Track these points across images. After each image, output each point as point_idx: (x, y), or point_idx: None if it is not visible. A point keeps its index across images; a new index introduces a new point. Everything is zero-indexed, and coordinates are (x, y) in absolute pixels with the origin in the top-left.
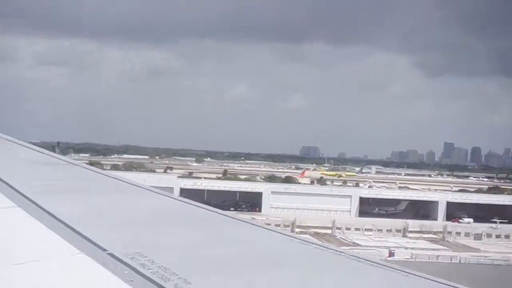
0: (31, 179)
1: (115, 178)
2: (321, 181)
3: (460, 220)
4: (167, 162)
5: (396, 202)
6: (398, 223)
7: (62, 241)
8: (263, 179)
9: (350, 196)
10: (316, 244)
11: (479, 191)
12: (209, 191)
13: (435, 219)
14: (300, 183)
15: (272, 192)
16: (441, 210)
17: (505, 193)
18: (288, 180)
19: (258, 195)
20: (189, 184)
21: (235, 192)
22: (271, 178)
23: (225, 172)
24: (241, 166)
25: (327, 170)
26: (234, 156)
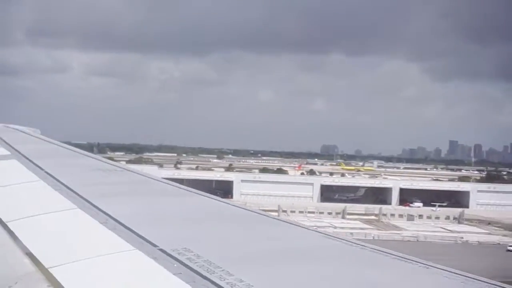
0: (89, 183)
1: (159, 181)
2: (312, 172)
3: (411, 204)
4: (192, 159)
5: (355, 189)
6: (339, 206)
7: (118, 239)
8: (256, 170)
9: (312, 184)
10: (342, 239)
11: (451, 180)
12: (187, 180)
13: (390, 203)
14: (284, 174)
15: (242, 181)
16: (395, 196)
17: (470, 181)
18: (279, 172)
19: (231, 183)
20: (169, 173)
21: (211, 181)
22: (263, 170)
23: (229, 166)
24: (256, 162)
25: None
26: (257, 153)
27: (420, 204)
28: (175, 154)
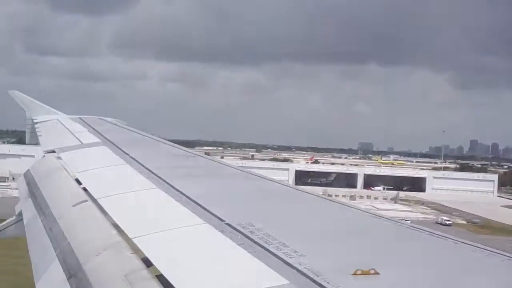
0: (167, 167)
1: (227, 165)
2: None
3: (373, 188)
4: (233, 152)
5: (327, 174)
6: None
7: (191, 214)
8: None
9: (288, 169)
10: (391, 220)
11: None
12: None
13: (356, 187)
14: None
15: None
16: (360, 181)
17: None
18: (283, 161)
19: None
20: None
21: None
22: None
23: (252, 156)
24: (288, 155)
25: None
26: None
27: (381, 188)
28: (221, 148)
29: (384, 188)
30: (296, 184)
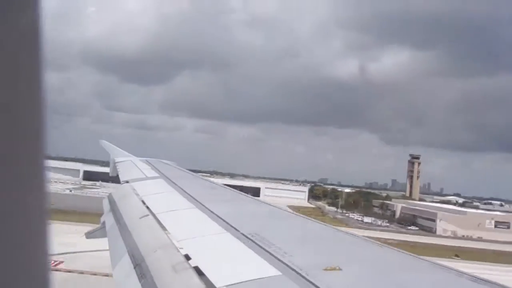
0: (202, 193)
1: (241, 194)
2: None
3: None
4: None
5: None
6: None
7: (217, 226)
8: None
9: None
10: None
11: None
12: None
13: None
14: None
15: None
16: (263, 193)
17: None
18: None
19: None
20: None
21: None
22: None
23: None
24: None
25: None
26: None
27: None
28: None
29: None
30: None
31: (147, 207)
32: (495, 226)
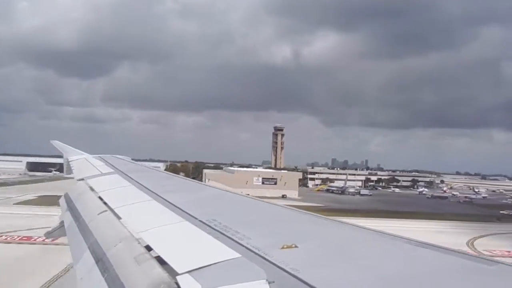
0: (158, 185)
1: (194, 181)
2: None
3: None
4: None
5: None
6: None
7: (175, 215)
8: None
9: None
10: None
11: None
12: None
13: None
14: None
15: None
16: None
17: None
18: None
19: None
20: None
21: None
22: None
23: None
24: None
25: None
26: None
27: None
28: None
29: None
30: None
31: (105, 203)
32: (263, 183)
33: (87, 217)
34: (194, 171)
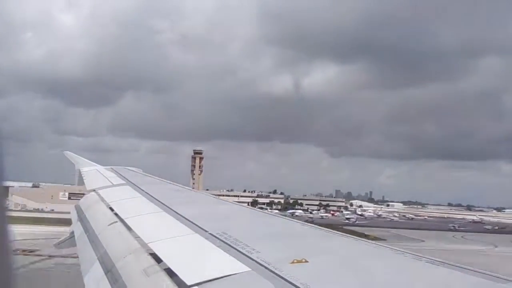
0: (169, 197)
1: (205, 194)
2: None
3: None
4: None
5: None
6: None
7: (185, 227)
8: None
9: None
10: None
11: None
12: None
13: None
14: None
15: None
16: None
17: None
18: None
19: None
20: None
21: None
22: None
23: None
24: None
25: None
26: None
27: None
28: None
29: None
30: None
31: (115, 214)
32: (69, 198)
33: (97, 228)
34: None
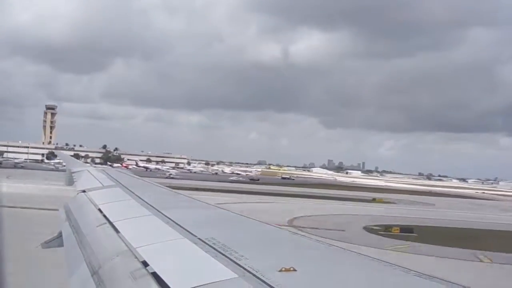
0: (159, 200)
1: (194, 199)
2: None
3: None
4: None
5: None
6: None
7: (174, 231)
8: None
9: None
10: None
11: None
12: None
13: None
14: None
15: None
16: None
17: None
18: None
19: None
20: None
21: None
22: None
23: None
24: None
25: None
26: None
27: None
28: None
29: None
30: None
31: (104, 216)
32: None
33: (86, 229)
34: None
